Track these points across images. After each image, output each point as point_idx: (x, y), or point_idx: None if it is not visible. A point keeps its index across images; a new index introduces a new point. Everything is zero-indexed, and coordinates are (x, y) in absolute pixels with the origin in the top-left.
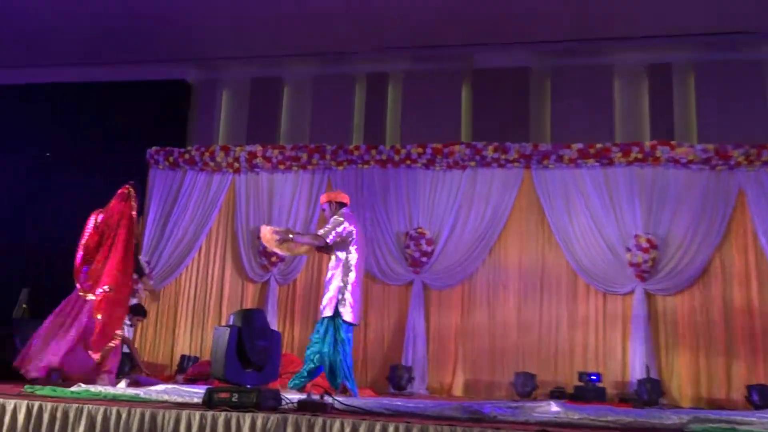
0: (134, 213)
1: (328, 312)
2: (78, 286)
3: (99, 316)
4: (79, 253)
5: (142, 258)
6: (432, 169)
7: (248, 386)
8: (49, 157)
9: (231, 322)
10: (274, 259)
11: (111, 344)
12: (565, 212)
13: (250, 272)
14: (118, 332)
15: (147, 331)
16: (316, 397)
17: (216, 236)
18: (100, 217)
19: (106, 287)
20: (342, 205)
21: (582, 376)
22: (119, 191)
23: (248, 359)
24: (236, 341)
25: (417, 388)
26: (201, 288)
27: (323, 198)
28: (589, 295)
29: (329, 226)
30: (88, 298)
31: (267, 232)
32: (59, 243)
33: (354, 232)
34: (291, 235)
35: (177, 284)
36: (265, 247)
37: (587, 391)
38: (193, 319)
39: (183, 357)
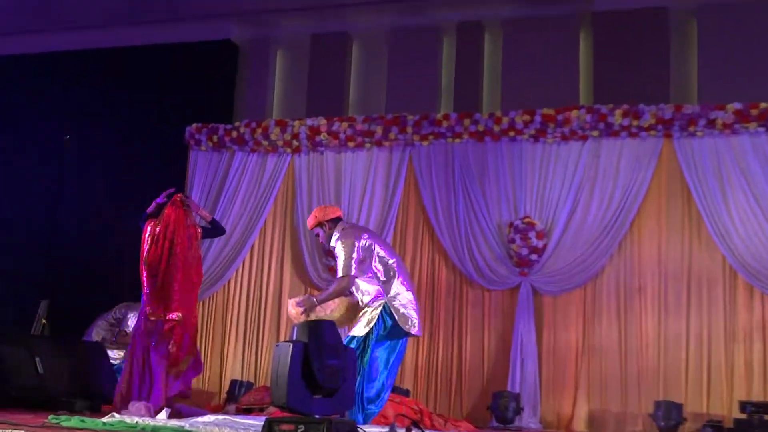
0: (191, 223)
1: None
2: (147, 309)
3: (170, 347)
4: (144, 273)
5: None
6: (542, 141)
7: (317, 416)
8: (68, 141)
9: (294, 337)
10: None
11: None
12: (719, 192)
13: (314, 275)
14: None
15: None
16: (401, 431)
17: (272, 232)
18: (158, 228)
19: (174, 315)
20: (337, 221)
21: (745, 406)
22: (173, 197)
23: (317, 383)
24: (301, 361)
25: (527, 421)
26: (254, 296)
27: (310, 222)
28: (752, 300)
29: (342, 258)
30: (163, 319)
31: (291, 308)
32: (83, 245)
33: (369, 242)
34: (314, 299)
35: (225, 292)
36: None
37: (752, 426)
38: (245, 335)
39: (234, 382)
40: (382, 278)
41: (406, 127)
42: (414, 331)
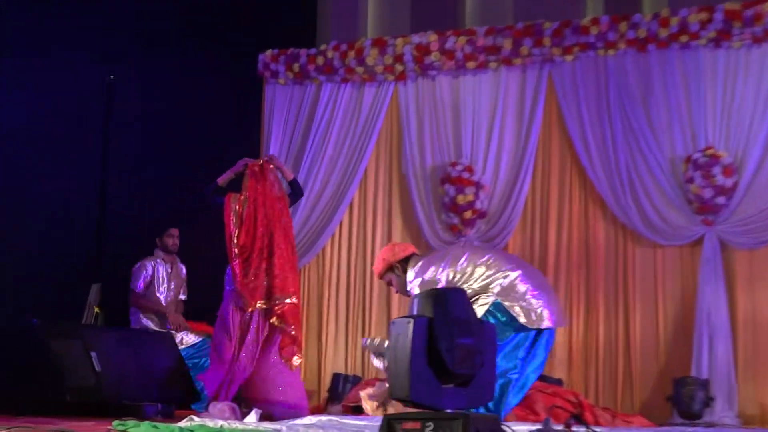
0: (280, 192)
1: None
2: (240, 302)
3: (291, 329)
4: (234, 254)
5: None
6: (725, 46)
7: (448, 411)
8: (112, 80)
9: (415, 311)
10: (468, 215)
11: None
12: None
13: (429, 235)
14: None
15: None
16: (557, 427)
17: (375, 184)
18: (246, 208)
19: (287, 299)
20: (409, 259)
21: None
22: (251, 166)
23: (446, 368)
24: (426, 341)
25: (720, 415)
26: (357, 267)
27: (378, 267)
28: None
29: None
30: (258, 308)
31: (364, 403)
32: (139, 213)
33: (454, 270)
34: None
35: (319, 264)
36: (450, 199)
37: None
38: (348, 316)
39: (337, 377)
40: (483, 282)
41: (543, 38)
42: (545, 323)
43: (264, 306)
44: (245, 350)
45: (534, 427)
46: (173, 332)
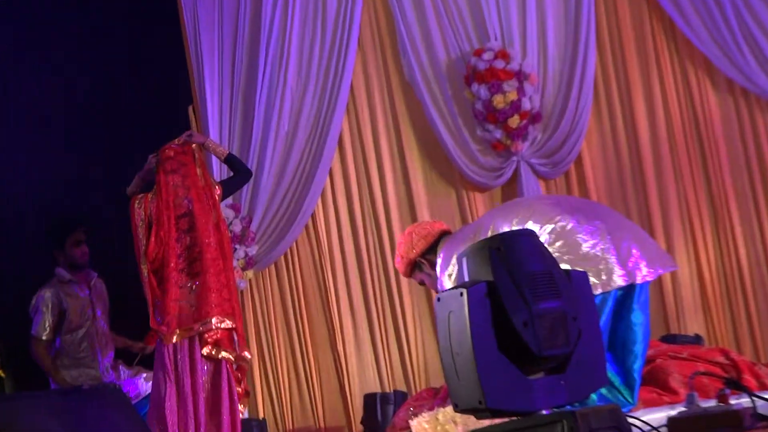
0: (206, 181)
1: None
2: (163, 329)
3: (225, 354)
4: (148, 277)
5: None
6: None
7: (544, 412)
8: None
9: (466, 275)
10: (514, 121)
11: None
12: None
13: (464, 164)
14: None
15: (278, 367)
16: (708, 403)
17: (368, 105)
18: (153, 207)
19: (216, 320)
20: (438, 244)
21: None
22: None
23: (528, 352)
24: (491, 316)
25: None
26: (368, 229)
27: (400, 266)
28: None
29: None
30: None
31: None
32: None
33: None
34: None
35: (311, 238)
36: (484, 103)
37: None
38: (368, 309)
39: (371, 399)
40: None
41: None
42: (616, 281)
43: (187, 335)
44: (189, 398)
45: (674, 411)
46: (127, 376)
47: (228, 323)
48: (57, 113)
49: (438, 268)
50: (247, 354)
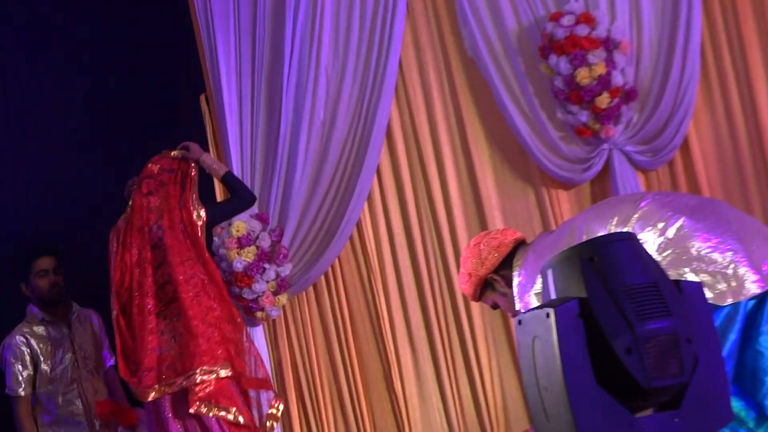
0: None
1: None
2: (134, 380)
3: (219, 411)
4: (118, 318)
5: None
6: None
7: None
8: None
9: (553, 291)
10: (603, 100)
11: None
12: None
13: (543, 155)
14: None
15: (321, 413)
16: None
17: (421, 89)
18: (125, 236)
19: (208, 369)
20: (512, 258)
21: None
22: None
23: (634, 385)
24: (586, 342)
25: None
26: (428, 239)
27: (467, 290)
28: None
29: None
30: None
31: None
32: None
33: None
34: None
35: (357, 255)
36: (565, 79)
37: None
38: (432, 339)
39: None
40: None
41: None
42: (756, 287)
43: (168, 390)
44: None
45: None
46: None
47: (225, 371)
48: (57, 113)
49: (516, 286)
50: (274, 408)
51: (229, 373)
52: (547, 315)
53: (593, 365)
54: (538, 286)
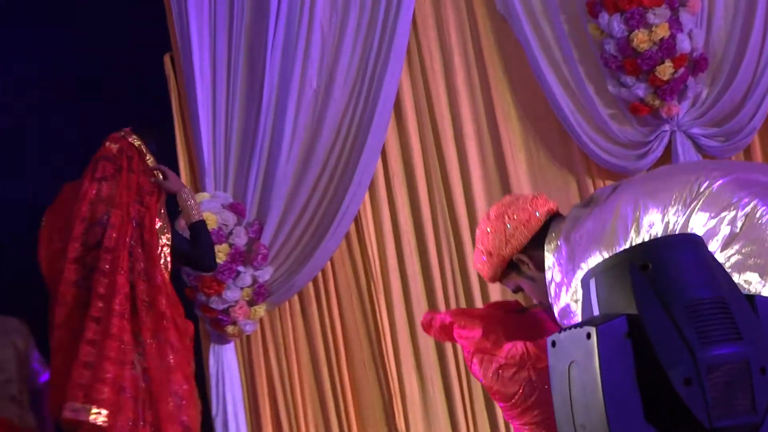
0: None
1: None
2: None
3: None
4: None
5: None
6: None
7: None
8: None
9: (596, 306)
10: (665, 70)
11: None
12: None
13: (590, 138)
14: None
15: None
16: None
17: (439, 51)
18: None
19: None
20: (544, 233)
21: None
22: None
23: (694, 422)
24: (634, 370)
25: None
26: (446, 248)
27: (484, 270)
28: None
29: None
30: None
31: None
32: None
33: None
34: None
35: (353, 255)
36: (619, 42)
37: None
38: (445, 362)
39: None
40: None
41: None
42: None
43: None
44: None
45: None
46: None
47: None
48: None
49: (550, 283)
50: None
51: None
52: (588, 335)
53: (643, 398)
54: (574, 289)
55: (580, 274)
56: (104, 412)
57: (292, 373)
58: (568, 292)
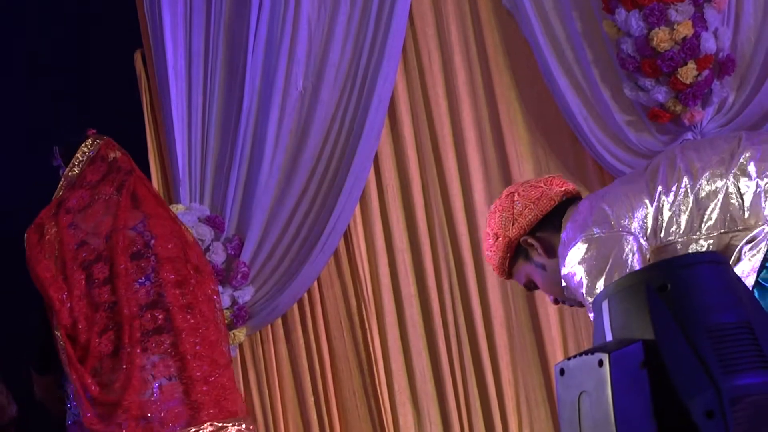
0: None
1: None
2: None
3: None
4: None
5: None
6: None
7: None
8: None
9: (608, 331)
10: (688, 72)
11: None
12: None
13: (603, 146)
14: None
15: None
16: None
17: (436, 53)
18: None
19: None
20: (559, 216)
21: None
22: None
23: None
24: (649, 399)
25: None
26: (444, 266)
27: (492, 258)
28: None
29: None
30: None
31: None
32: None
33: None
34: None
35: (343, 275)
36: (636, 42)
37: None
38: (442, 401)
39: None
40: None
41: None
42: None
43: None
44: None
45: None
46: None
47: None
48: None
49: (573, 256)
50: None
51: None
52: (600, 363)
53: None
54: (584, 246)
55: (590, 233)
56: None
57: (275, 404)
58: (575, 249)
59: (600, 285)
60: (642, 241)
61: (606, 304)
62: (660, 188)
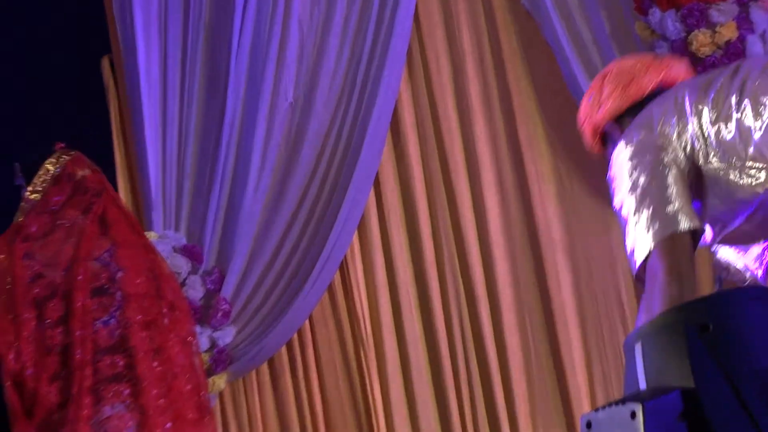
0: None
1: None
2: None
3: None
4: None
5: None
6: None
7: None
8: None
9: (642, 378)
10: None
11: None
12: None
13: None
14: None
15: None
16: None
17: (444, 45)
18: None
19: None
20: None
21: None
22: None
23: None
24: None
25: None
26: (453, 300)
27: (585, 136)
28: None
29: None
30: None
31: None
32: None
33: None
34: None
35: (337, 307)
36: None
37: None
38: None
39: None
40: None
41: None
42: None
43: None
44: None
45: None
46: None
47: None
48: None
49: (613, 159)
50: None
51: None
52: (633, 415)
53: None
54: (622, 151)
55: (630, 136)
56: None
57: None
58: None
59: (624, 200)
60: (680, 154)
61: (639, 346)
62: (711, 105)
